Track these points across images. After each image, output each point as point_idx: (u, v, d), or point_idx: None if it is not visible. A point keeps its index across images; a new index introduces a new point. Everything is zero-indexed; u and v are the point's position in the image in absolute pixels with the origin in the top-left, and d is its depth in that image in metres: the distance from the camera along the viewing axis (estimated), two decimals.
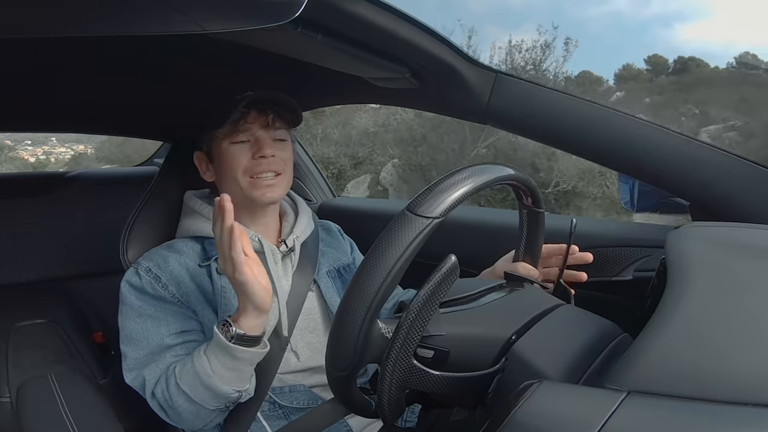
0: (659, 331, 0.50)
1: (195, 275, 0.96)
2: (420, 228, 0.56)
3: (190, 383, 0.85)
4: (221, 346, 0.83)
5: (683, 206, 0.91)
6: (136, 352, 0.92)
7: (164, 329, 0.92)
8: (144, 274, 0.95)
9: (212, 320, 0.93)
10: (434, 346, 0.62)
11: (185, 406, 0.87)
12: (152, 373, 0.90)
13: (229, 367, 0.84)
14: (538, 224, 0.81)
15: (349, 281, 0.58)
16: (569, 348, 0.60)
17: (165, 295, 0.93)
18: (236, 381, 0.86)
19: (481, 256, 1.03)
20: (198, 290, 0.95)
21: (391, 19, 0.71)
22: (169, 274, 0.95)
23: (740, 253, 0.57)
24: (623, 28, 32.29)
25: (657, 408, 0.44)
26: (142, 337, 0.92)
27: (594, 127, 0.84)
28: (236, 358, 0.83)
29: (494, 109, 0.90)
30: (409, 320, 0.57)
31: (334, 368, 0.60)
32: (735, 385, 0.44)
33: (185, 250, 0.99)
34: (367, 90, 1.00)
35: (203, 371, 0.84)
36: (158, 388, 0.89)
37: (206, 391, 0.85)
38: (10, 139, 15.76)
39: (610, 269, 1.09)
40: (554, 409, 0.48)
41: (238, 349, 0.82)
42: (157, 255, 0.98)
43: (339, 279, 1.09)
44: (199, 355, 0.86)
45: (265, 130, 0.97)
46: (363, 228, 1.21)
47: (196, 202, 1.04)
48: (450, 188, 0.59)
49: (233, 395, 0.86)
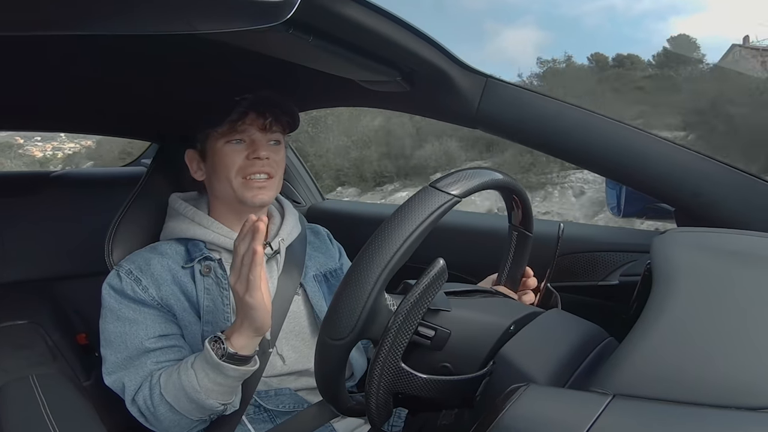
0: (644, 335, 0.50)
1: (178, 277, 0.95)
2: (440, 202, 0.58)
3: (174, 395, 0.85)
4: (211, 363, 0.82)
5: (668, 212, 0.92)
6: (114, 355, 0.92)
7: (143, 333, 0.91)
8: (125, 276, 0.94)
9: (193, 323, 0.93)
10: (437, 326, 0.62)
11: (168, 415, 0.86)
12: (132, 379, 0.90)
13: (216, 383, 0.83)
14: (525, 249, 0.82)
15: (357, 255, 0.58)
16: (556, 352, 0.60)
17: (145, 298, 0.92)
18: (222, 395, 0.85)
19: (470, 261, 1.04)
20: (180, 292, 0.94)
21: (382, 22, 0.71)
22: (150, 276, 0.94)
23: (725, 259, 0.58)
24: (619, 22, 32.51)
25: (642, 411, 0.45)
26: (120, 341, 0.92)
27: (583, 133, 0.85)
28: (225, 375, 0.83)
29: (484, 113, 0.90)
30: (397, 324, 0.57)
31: (329, 336, 0.58)
32: (719, 388, 0.45)
33: (169, 252, 0.98)
34: (358, 93, 1.01)
35: (190, 385, 0.83)
36: (140, 396, 0.88)
37: (191, 403, 0.84)
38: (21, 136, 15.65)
39: (597, 273, 1.10)
40: (541, 413, 0.48)
41: (228, 368, 0.82)
42: (139, 257, 0.97)
43: (325, 283, 1.09)
44: (186, 367, 0.85)
45: (262, 133, 0.97)
46: (351, 231, 1.21)
47: (181, 204, 1.03)
48: (475, 175, 0.63)
49: (218, 408, 0.86)
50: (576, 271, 1.13)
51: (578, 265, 1.13)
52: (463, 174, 0.63)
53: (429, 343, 0.62)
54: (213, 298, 0.94)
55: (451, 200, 0.59)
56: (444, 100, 0.92)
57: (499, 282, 0.87)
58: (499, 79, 0.90)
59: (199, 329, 0.93)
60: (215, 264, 0.97)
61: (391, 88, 0.93)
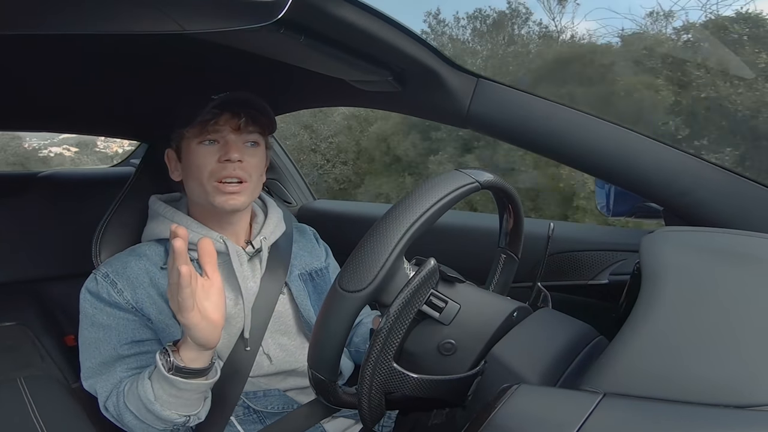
0: (634, 334, 0.51)
1: (155, 279, 0.94)
2: (464, 182, 0.63)
3: (135, 405, 0.84)
4: (160, 374, 0.81)
5: (657, 211, 0.93)
6: (89, 360, 0.92)
7: (115, 339, 0.90)
8: (101, 279, 0.93)
9: (171, 325, 0.92)
10: (448, 297, 0.63)
11: (134, 423, 0.86)
12: (103, 386, 0.90)
13: (171, 395, 0.82)
14: (510, 274, 0.83)
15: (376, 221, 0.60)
16: (547, 351, 0.60)
17: (119, 302, 0.91)
18: (181, 407, 0.83)
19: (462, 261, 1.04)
20: (157, 295, 0.93)
21: (374, 21, 0.71)
22: (126, 279, 0.93)
23: (713, 258, 0.59)
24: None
25: (632, 409, 0.45)
26: (94, 347, 0.91)
27: (574, 133, 0.85)
28: (177, 388, 0.81)
29: (475, 113, 0.90)
30: (389, 324, 0.57)
31: (346, 287, 0.57)
32: (708, 386, 0.45)
33: (148, 253, 0.97)
34: (349, 92, 1.00)
35: (145, 396, 0.82)
36: (110, 402, 0.88)
37: (149, 414, 0.83)
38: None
39: (587, 273, 1.11)
40: (532, 412, 0.48)
41: (178, 381, 0.80)
42: (117, 261, 0.96)
43: (311, 282, 1.08)
44: (143, 378, 0.84)
45: (236, 134, 0.94)
46: (343, 230, 1.21)
47: (160, 206, 1.01)
48: (499, 180, 0.70)
49: (179, 420, 0.84)
50: (566, 270, 1.14)
51: (568, 265, 1.14)
52: (489, 173, 0.68)
53: (438, 315, 0.62)
54: None
55: (474, 184, 0.64)
56: (435, 100, 0.93)
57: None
58: (491, 78, 0.90)
59: (177, 331, 0.91)
60: (194, 264, 0.95)
61: (383, 88, 0.93)
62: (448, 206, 0.60)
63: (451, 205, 0.61)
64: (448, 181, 0.62)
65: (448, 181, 0.62)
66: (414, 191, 0.61)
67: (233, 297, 0.95)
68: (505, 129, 0.91)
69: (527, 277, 0.90)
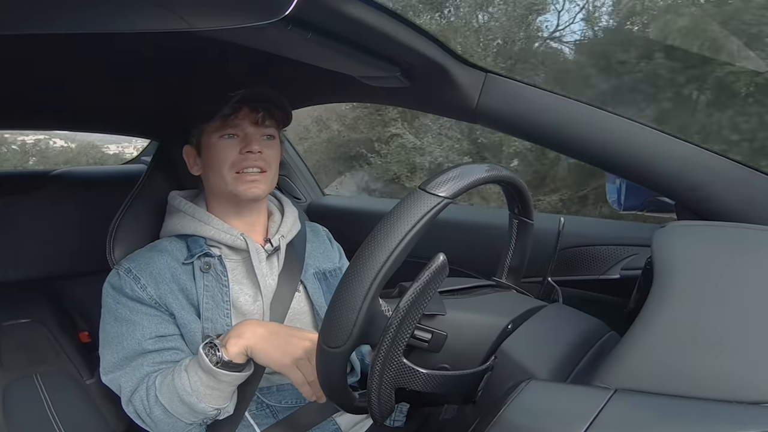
0: (646, 329, 0.50)
1: (176, 275, 0.95)
2: (431, 205, 0.56)
3: (168, 397, 0.85)
4: (204, 368, 0.83)
5: (669, 205, 0.92)
6: (111, 355, 0.92)
7: (139, 334, 0.91)
8: (124, 275, 0.94)
9: (192, 321, 0.93)
10: (433, 329, 0.62)
11: (162, 418, 0.87)
12: (129, 380, 0.90)
13: (209, 386, 0.84)
14: (526, 238, 0.80)
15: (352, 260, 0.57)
16: (557, 346, 0.60)
17: (143, 297, 0.93)
18: (215, 400, 0.86)
19: (471, 256, 1.04)
20: (178, 290, 0.94)
21: (381, 17, 0.71)
22: (149, 274, 0.94)
23: (725, 252, 0.58)
24: None
25: (643, 405, 0.45)
26: (117, 341, 0.92)
27: (583, 127, 0.85)
28: (218, 381, 0.84)
29: (484, 108, 0.90)
30: (398, 319, 0.57)
31: (327, 344, 0.58)
32: (721, 382, 0.45)
33: (169, 248, 0.98)
34: (357, 88, 1.00)
35: (182, 388, 0.84)
36: (136, 397, 0.89)
37: (183, 406, 0.85)
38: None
39: (598, 268, 1.10)
40: (543, 407, 0.48)
41: (222, 374, 0.83)
42: (139, 256, 0.98)
43: (324, 282, 1.09)
44: (180, 370, 0.86)
45: (255, 127, 0.97)
46: (352, 226, 1.21)
47: (180, 201, 1.03)
48: (465, 174, 0.60)
49: (211, 413, 0.87)
50: (577, 265, 1.13)
51: (579, 259, 1.13)
52: (452, 173, 0.60)
53: (426, 345, 0.62)
54: (213, 296, 0.94)
55: (441, 202, 0.57)
56: (444, 96, 0.92)
57: (500, 274, 0.86)
58: (499, 73, 0.89)
59: (198, 327, 0.93)
60: (215, 260, 0.97)
61: (391, 84, 0.93)
62: (418, 236, 0.56)
63: (422, 233, 0.56)
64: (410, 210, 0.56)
65: (410, 211, 0.56)
66: (376, 230, 0.57)
67: (252, 294, 0.98)
68: (514, 123, 0.90)
69: (538, 272, 0.89)
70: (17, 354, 1.24)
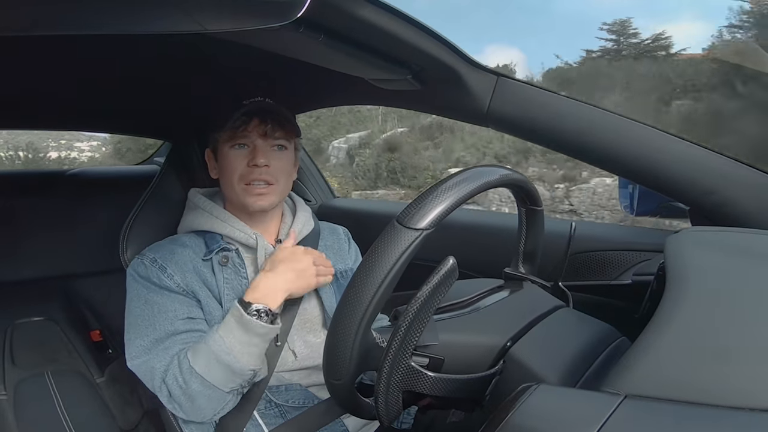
0: (657, 336, 0.50)
1: (198, 268, 0.98)
2: (410, 240, 0.55)
3: (204, 364, 0.86)
4: (243, 321, 0.86)
5: (683, 210, 0.91)
6: (141, 339, 0.92)
7: (171, 315, 0.93)
8: (149, 264, 0.96)
9: (215, 308, 0.95)
10: (429, 354, 0.62)
11: (199, 389, 0.87)
12: (160, 360, 0.90)
13: (244, 343, 0.86)
14: (537, 224, 0.79)
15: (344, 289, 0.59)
16: (567, 351, 0.60)
17: (171, 285, 0.94)
18: (251, 357, 0.88)
19: (481, 259, 1.03)
20: (201, 282, 0.96)
21: (393, 20, 0.71)
22: (175, 264, 0.96)
23: (739, 258, 0.57)
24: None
25: (653, 412, 0.44)
26: (147, 324, 0.92)
27: (595, 131, 0.84)
28: (253, 335, 0.86)
29: (495, 111, 0.90)
30: (407, 322, 0.56)
31: (330, 377, 0.61)
32: (732, 389, 0.44)
33: (189, 243, 1.01)
34: (368, 91, 1.01)
35: (219, 348, 0.86)
36: (169, 375, 0.89)
37: (221, 369, 0.86)
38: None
39: (610, 273, 1.09)
40: (551, 412, 0.48)
41: (259, 326, 0.86)
42: (162, 247, 0.99)
43: (335, 282, 1.09)
44: (212, 333, 0.88)
45: (264, 139, 0.99)
46: (362, 229, 1.21)
47: (200, 198, 1.06)
48: (438, 199, 0.57)
49: (249, 373, 0.89)
50: (588, 270, 1.12)
51: (590, 264, 1.12)
52: (428, 199, 0.57)
53: (424, 369, 0.62)
54: (233, 287, 0.97)
55: (420, 235, 0.55)
56: (455, 99, 0.92)
57: (515, 263, 0.84)
58: (510, 76, 0.89)
59: (221, 316, 0.94)
60: (233, 254, 1.00)
61: (402, 87, 0.93)
62: (401, 270, 0.56)
63: (404, 266, 0.55)
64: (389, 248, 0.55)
65: (390, 248, 0.55)
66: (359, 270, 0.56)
67: None
68: (526, 127, 0.90)
69: (549, 276, 0.89)
70: (30, 351, 1.26)
